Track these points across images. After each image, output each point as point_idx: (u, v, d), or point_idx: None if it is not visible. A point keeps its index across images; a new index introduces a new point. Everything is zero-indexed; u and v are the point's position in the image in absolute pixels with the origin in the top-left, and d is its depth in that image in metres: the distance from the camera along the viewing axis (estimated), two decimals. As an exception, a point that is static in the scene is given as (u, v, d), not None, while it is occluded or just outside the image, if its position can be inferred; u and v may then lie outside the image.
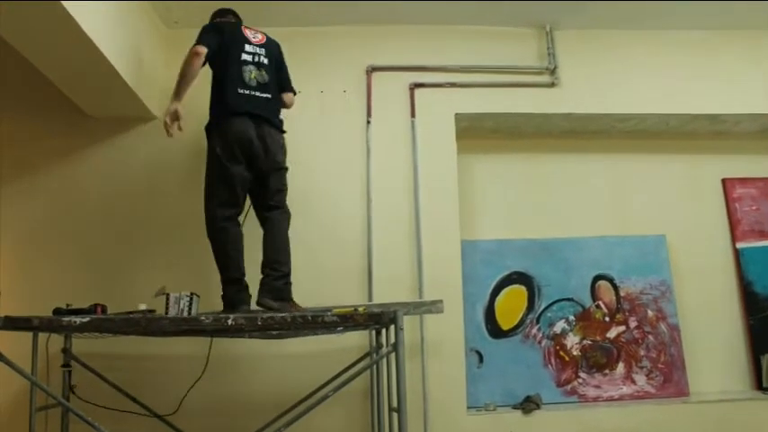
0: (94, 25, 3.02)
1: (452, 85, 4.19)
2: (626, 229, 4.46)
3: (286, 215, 3.39)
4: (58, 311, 3.09)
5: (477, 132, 4.42)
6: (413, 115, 4.13)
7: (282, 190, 3.39)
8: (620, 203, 4.55)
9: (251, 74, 3.23)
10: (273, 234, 3.29)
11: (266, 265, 3.23)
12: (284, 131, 3.45)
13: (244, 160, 3.18)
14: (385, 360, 3.35)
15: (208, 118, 3.30)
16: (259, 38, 3.39)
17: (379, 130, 4.09)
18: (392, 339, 3.02)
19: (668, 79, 4.32)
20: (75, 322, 2.90)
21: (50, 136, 3.97)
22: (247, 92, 3.21)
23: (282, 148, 3.39)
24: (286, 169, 3.43)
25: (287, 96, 3.58)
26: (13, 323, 2.83)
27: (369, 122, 4.09)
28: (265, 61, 3.30)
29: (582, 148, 4.60)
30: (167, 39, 4.10)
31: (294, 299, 3.29)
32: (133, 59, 3.59)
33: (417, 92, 4.16)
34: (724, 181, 4.66)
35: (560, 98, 4.24)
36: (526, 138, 4.56)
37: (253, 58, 3.27)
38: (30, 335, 3.15)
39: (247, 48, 3.29)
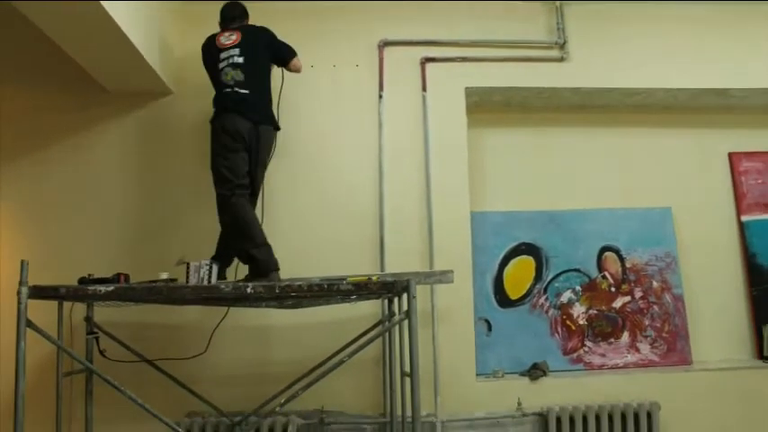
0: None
1: (463, 59, 4.22)
2: (633, 202, 4.53)
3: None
4: (82, 281, 3.20)
5: (487, 106, 4.47)
6: (424, 89, 4.17)
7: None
8: (628, 176, 4.60)
9: (227, 75, 3.51)
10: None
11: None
12: (275, 126, 3.68)
13: (240, 148, 3.44)
14: (397, 328, 3.46)
15: None
16: (233, 39, 3.59)
17: (391, 104, 4.14)
18: (404, 308, 3.10)
19: (676, 54, 4.34)
20: (100, 291, 3.01)
21: (68, 109, 4.04)
22: (228, 89, 3.50)
23: (267, 145, 3.61)
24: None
25: (290, 64, 3.72)
26: (40, 292, 2.93)
27: (381, 96, 4.14)
28: (240, 60, 3.52)
29: (590, 122, 4.65)
30: (182, 12, 4.11)
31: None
32: (149, 33, 3.62)
33: (428, 66, 4.20)
34: (730, 155, 4.71)
35: (569, 72, 4.27)
36: (535, 111, 4.60)
37: (228, 61, 3.54)
38: (54, 305, 3.26)
39: (221, 55, 3.56)
